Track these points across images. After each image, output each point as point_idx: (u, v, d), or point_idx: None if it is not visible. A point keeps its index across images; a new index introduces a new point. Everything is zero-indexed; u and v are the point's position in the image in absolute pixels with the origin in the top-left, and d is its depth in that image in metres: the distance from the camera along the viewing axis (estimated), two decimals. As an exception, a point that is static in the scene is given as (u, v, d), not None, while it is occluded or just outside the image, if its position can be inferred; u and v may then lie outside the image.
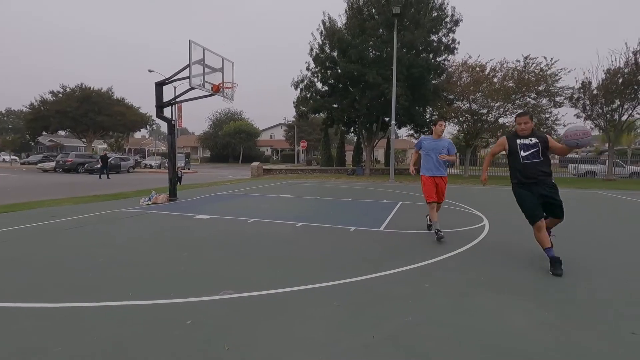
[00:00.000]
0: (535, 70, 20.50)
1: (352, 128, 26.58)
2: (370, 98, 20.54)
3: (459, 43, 21.94)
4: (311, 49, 22.26)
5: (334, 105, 22.78)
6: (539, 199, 3.82)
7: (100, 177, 19.45)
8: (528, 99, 21.38)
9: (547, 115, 21.55)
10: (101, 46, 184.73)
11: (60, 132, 44.90)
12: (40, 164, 28.65)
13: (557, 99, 20.79)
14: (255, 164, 22.87)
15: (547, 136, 3.97)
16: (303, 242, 5.10)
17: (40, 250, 4.49)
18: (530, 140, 3.95)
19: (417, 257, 4.24)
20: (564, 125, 22.14)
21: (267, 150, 58.71)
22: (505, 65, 21.29)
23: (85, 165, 25.10)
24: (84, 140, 40.00)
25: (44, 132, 40.82)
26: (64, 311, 2.72)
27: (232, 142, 50.77)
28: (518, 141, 4.00)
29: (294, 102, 23.78)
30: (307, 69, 22.70)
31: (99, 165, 20.68)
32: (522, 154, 3.91)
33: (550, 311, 2.80)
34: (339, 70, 21.27)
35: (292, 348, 2.24)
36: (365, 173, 23.86)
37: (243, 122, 53.77)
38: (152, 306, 2.83)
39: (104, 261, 4.01)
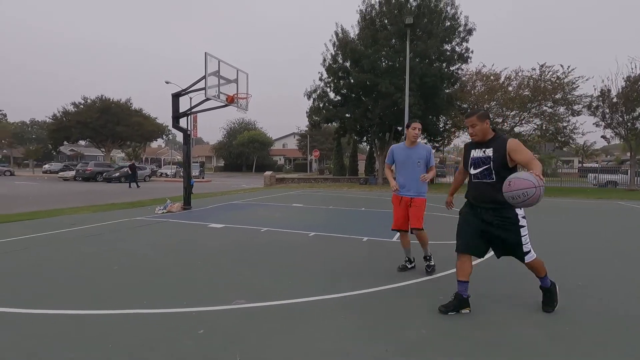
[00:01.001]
0: (552, 79, 20.17)
1: (365, 137, 26.57)
2: (382, 107, 20.55)
3: (472, 52, 21.83)
4: (324, 60, 22.50)
5: (347, 115, 22.86)
6: (483, 228, 2.90)
7: (130, 187, 19.50)
8: (544, 108, 21.01)
9: (565, 124, 21.11)
10: (120, 58, 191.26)
11: (80, 141, 46.32)
12: (61, 173, 29.55)
13: (575, 107, 20.36)
14: (268, 173, 23.05)
15: (514, 144, 2.77)
16: (315, 252, 5.08)
17: (58, 257, 4.60)
18: (484, 151, 2.88)
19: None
20: (583, 134, 21.64)
21: (280, 159, 59.15)
22: (520, 74, 21.04)
23: (104, 174, 25.77)
24: (103, 149, 41.14)
25: (65, 142, 42.20)
26: (79, 318, 2.77)
27: (245, 151, 51.39)
28: (472, 152, 2.99)
29: (306, 112, 23.99)
30: (320, 79, 22.92)
31: (129, 174, 20.74)
32: (472, 170, 2.95)
33: (564, 324, 2.71)
34: (352, 80, 21.39)
35: (304, 359, 2.22)
36: (378, 182, 23.72)
37: (256, 132, 54.45)
38: (165, 314, 2.86)
39: (119, 269, 4.08)
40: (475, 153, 2.94)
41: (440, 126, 24.23)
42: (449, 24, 21.14)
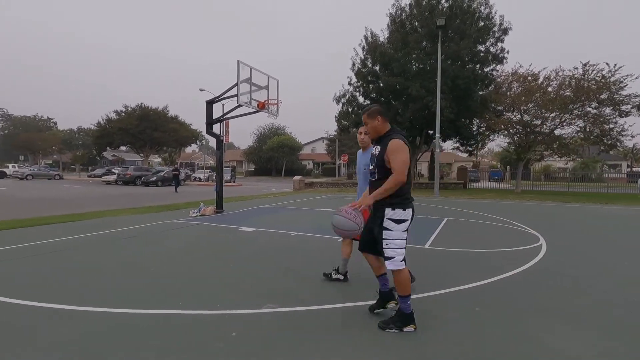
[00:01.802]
0: (596, 78, 18.97)
1: (395, 141, 26.18)
2: (413, 111, 20.19)
3: (508, 52, 20.99)
4: (353, 64, 22.47)
5: (376, 119, 22.65)
6: (370, 226, 2.83)
7: (176, 190, 19.82)
8: (588, 109, 19.78)
9: (612, 126, 19.75)
10: (158, 66, 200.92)
11: (121, 147, 49.02)
12: (104, 177, 31.36)
13: (623, 107, 18.99)
14: (297, 177, 23.26)
15: (393, 145, 2.62)
16: (345, 258, 5.03)
17: (99, 258, 4.86)
18: (376, 149, 2.80)
19: (467, 278, 4.01)
20: (632, 137, 20.15)
21: (308, 163, 59.55)
22: (561, 74, 19.96)
23: (142, 178, 27.04)
24: (142, 154, 43.29)
25: (108, 148, 44.81)
26: (118, 316, 2.90)
27: (275, 156, 52.20)
28: (373, 150, 2.90)
29: (335, 117, 24.02)
30: (349, 83, 22.90)
31: (174, 178, 21.15)
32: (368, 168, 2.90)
33: (614, 340, 2.50)
34: (381, 84, 21.21)
35: (335, 368, 2.19)
36: (408, 187, 23.28)
37: (286, 137, 55.20)
38: (200, 316, 2.93)
39: (155, 270, 4.24)
40: (374, 151, 2.85)
41: (474, 129, 23.43)
42: (482, 24, 20.47)
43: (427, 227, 7.73)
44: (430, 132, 22.46)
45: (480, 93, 21.02)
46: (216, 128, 10.45)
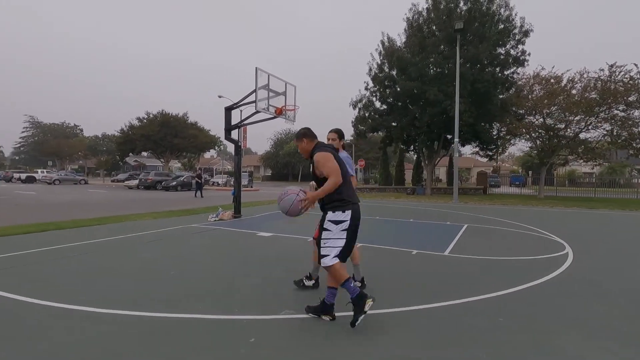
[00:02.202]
0: (624, 79, 18.28)
1: (412, 146, 25.93)
2: (431, 115, 19.96)
3: (529, 54, 20.54)
4: (370, 69, 22.47)
5: (393, 124, 22.51)
6: None
7: (201, 195, 19.99)
8: (615, 111, 19.05)
9: (641, 129, 18.95)
10: (175, 70, 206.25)
11: (143, 153, 50.47)
12: (126, 182, 32.30)
13: (654, 110, 18.22)
14: (313, 182, 23.29)
15: (318, 158, 2.89)
16: (363, 265, 4.98)
17: (121, 261, 4.99)
18: (311, 164, 3.10)
19: (489, 287, 3.90)
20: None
21: (325, 168, 59.57)
22: (585, 76, 19.33)
23: (163, 183, 27.71)
24: (162, 160, 44.38)
25: (130, 153, 46.16)
26: (139, 319, 2.96)
27: (291, 161, 52.55)
28: None
29: (352, 122, 24.02)
30: (366, 88, 22.89)
31: (197, 183, 21.15)
32: None
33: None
34: (398, 89, 21.09)
35: (354, 377, 2.16)
36: (426, 192, 22.94)
37: (303, 142, 55.46)
38: (219, 321, 2.96)
39: (175, 274, 4.32)
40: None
41: (494, 133, 22.93)
42: (502, 26, 20.13)
43: (446, 233, 7.58)
44: (449, 136, 22.13)
45: (501, 96, 20.59)
46: (234, 134, 10.62)
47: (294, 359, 2.36)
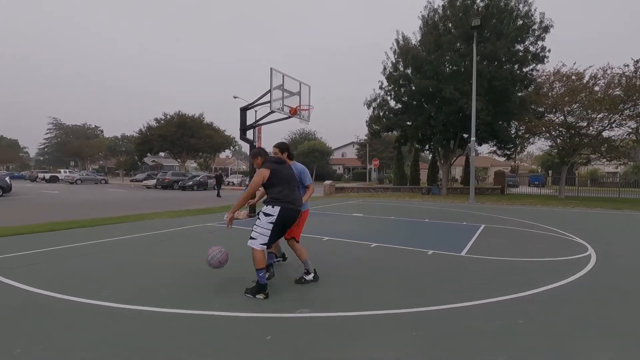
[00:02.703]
0: (651, 75, 17.57)
1: (427, 145, 25.61)
2: (447, 114, 19.65)
3: (549, 51, 19.94)
4: (384, 68, 22.29)
5: (408, 123, 22.27)
6: None
7: (219, 195, 20.13)
8: (641, 108, 18.33)
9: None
10: (188, 71, 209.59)
11: (160, 153, 51.52)
12: (144, 181, 33.06)
13: (683, 107, 17.45)
14: (327, 182, 23.30)
15: (259, 169, 3.73)
16: (378, 264, 4.97)
17: (142, 259, 5.11)
18: None
19: (508, 288, 3.82)
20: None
21: (339, 168, 59.52)
22: (609, 72, 18.65)
23: (179, 183, 28.22)
24: (179, 160, 45.22)
25: (148, 154, 47.21)
26: (156, 315, 3.03)
27: (305, 160, 52.59)
28: None
29: (366, 121, 23.89)
30: (380, 87, 22.71)
31: (216, 182, 21.58)
32: None
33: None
34: (413, 88, 20.84)
35: (370, 377, 2.16)
36: (442, 192, 22.62)
37: (316, 142, 55.58)
38: (235, 318, 3.00)
39: (194, 271, 4.39)
40: None
41: (512, 132, 22.40)
42: (521, 22, 19.62)
43: (463, 234, 7.46)
44: (465, 135, 21.75)
45: (519, 94, 20.09)
46: (249, 134, 10.72)
47: (309, 357, 2.37)
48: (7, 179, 18.26)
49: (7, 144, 76.53)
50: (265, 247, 3.49)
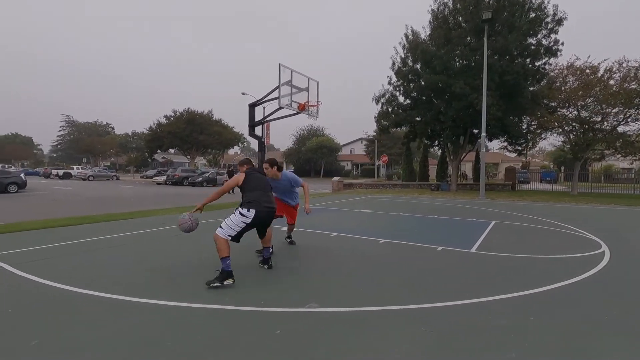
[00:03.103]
0: (668, 68, 17.08)
1: (437, 141, 25.35)
2: (456, 109, 19.40)
3: (562, 44, 19.49)
4: (393, 63, 22.08)
5: (417, 119, 22.07)
6: None
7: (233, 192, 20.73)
8: (658, 103, 17.84)
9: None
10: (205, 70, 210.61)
11: (170, 150, 52.09)
12: (155, 178, 33.46)
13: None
14: (336, 178, 23.26)
15: (236, 174, 4.26)
16: (387, 260, 4.96)
17: (152, 254, 5.18)
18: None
19: (518, 285, 3.78)
20: None
21: (347, 164, 59.39)
22: (625, 65, 18.18)
23: (189, 179, 28.50)
24: (189, 156, 45.65)
25: (158, 150, 47.77)
26: (168, 309, 3.08)
27: (314, 157, 52.64)
28: None
29: (375, 117, 23.73)
30: (389, 83, 22.51)
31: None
32: None
33: None
34: (422, 83, 20.62)
35: (380, 371, 2.16)
36: (452, 189, 22.42)
37: (325, 138, 55.49)
38: (245, 312, 3.03)
39: (203, 266, 4.44)
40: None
41: (523, 127, 22.03)
42: (533, 15, 19.20)
43: (473, 230, 7.39)
44: (475, 131, 21.47)
45: (531, 89, 19.72)
46: (258, 130, 10.76)
47: (318, 351, 2.38)
48: (22, 175, 18.68)
49: (21, 141, 78.23)
50: (230, 238, 3.75)
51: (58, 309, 3.06)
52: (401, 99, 22.70)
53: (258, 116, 10.60)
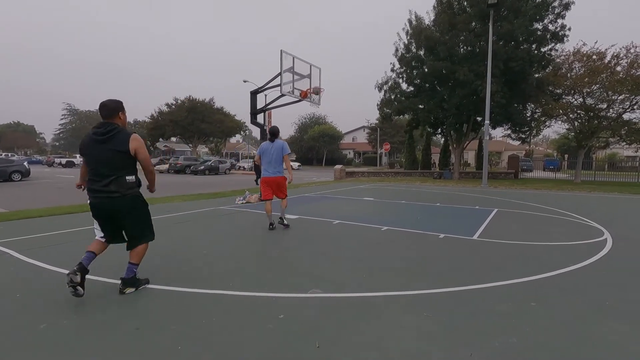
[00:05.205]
0: (677, 54, 16.75)
1: (440, 129, 25.16)
2: (460, 97, 19.18)
3: (569, 29, 19.10)
4: (396, 50, 21.75)
5: (420, 106, 21.86)
6: None
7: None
8: (667, 89, 17.55)
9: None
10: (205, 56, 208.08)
11: (172, 138, 52.00)
12: (157, 166, 33.51)
13: None
14: (338, 166, 23.24)
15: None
16: (389, 247, 4.98)
17: (157, 242, 5.22)
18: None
19: (520, 271, 3.80)
20: None
21: (349, 153, 59.25)
22: (633, 51, 17.83)
23: (191, 167, 28.55)
24: (190, 145, 45.60)
25: (160, 139, 47.71)
26: (172, 294, 3.12)
27: (316, 145, 52.51)
28: None
29: (377, 105, 23.53)
30: (392, 70, 22.24)
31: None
32: None
33: None
34: (426, 69, 20.34)
35: (382, 357, 2.19)
36: (454, 177, 22.36)
37: (327, 126, 55.22)
38: (249, 297, 3.06)
39: (207, 253, 4.49)
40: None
41: (528, 115, 21.79)
42: (540, -1, 18.79)
43: (475, 218, 7.40)
44: (479, 118, 21.29)
45: (537, 75, 19.43)
46: (260, 118, 10.70)
47: (321, 335, 2.41)
48: (25, 163, 18.76)
49: (24, 129, 78.27)
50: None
51: (64, 294, 3.10)
52: (404, 86, 22.45)
53: (260, 104, 10.53)
